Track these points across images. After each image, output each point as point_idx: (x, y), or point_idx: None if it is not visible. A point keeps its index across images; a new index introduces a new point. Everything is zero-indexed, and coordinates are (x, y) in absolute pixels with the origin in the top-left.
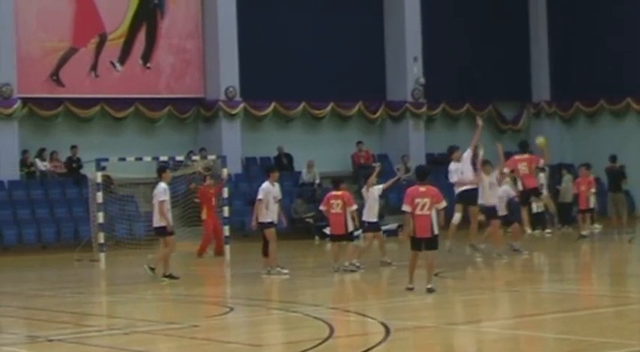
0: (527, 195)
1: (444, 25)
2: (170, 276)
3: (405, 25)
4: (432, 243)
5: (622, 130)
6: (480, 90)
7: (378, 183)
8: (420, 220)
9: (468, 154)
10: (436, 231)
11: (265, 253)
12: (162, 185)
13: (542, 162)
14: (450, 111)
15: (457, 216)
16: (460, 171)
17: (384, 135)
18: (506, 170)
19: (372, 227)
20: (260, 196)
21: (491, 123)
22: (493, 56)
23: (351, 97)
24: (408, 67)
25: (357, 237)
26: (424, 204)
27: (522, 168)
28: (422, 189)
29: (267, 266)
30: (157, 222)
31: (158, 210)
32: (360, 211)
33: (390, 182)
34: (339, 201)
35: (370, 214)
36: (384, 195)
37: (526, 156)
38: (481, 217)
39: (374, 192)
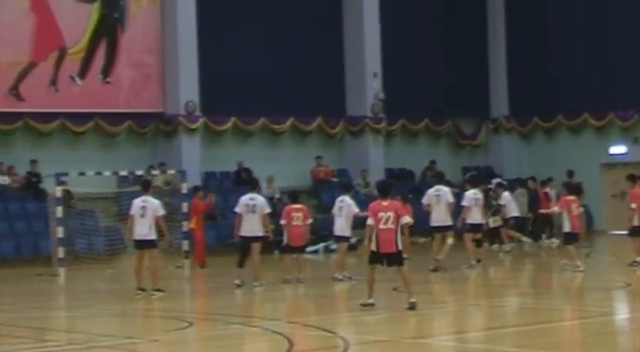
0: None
1: (404, 40)
2: (143, 289)
3: (365, 41)
4: (396, 258)
5: (579, 146)
6: (439, 106)
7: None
8: (384, 234)
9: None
10: (400, 246)
11: (241, 264)
12: (156, 200)
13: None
14: (409, 126)
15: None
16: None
17: (343, 150)
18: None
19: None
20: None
21: (450, 139)
22: (452, 72)
23: (310, 112)
24: (367, 83)
25: (317, 251)
26: (388, 217)
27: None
28: (384, 203)
29: (239, 278)
30: (153, 234)
31: (155, 223)
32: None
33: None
34: (300, 214)
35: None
36: None
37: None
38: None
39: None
